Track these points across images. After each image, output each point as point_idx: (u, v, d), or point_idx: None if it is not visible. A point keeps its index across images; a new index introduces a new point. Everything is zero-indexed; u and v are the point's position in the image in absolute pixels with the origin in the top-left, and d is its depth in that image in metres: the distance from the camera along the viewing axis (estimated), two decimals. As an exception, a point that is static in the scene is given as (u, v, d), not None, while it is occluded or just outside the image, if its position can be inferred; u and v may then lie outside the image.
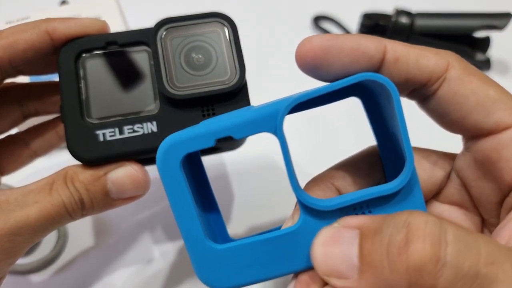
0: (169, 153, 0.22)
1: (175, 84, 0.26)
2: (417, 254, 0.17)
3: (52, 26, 0.26)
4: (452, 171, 0.25)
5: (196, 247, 0.22)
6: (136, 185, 0.26)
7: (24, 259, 0.37)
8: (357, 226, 0.20)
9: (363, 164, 0.26)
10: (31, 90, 0.32)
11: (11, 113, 0.32)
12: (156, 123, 0.26)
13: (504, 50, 0.51)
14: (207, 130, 0.22)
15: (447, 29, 0.48)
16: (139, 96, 0.27)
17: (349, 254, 0.19)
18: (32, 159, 0.33)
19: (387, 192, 0.21)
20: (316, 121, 0.46)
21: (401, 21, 0.49)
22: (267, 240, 0.22)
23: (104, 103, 0.26)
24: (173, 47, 0.27)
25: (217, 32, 0.27)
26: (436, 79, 0.22)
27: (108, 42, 0.27)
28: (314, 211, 0.22)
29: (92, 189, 0.25)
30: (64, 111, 0.26)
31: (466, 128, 0.22)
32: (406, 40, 0.50)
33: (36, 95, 0.32)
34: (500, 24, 0.46)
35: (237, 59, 0.26)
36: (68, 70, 0.26)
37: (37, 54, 0.27)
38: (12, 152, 0.32)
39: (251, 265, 0.22)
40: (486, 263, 0.17)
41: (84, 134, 0.26)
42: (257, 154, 0.43)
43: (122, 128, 0.26)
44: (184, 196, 0.22)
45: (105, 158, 0.26)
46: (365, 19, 0.51)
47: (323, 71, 0.22)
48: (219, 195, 0.40)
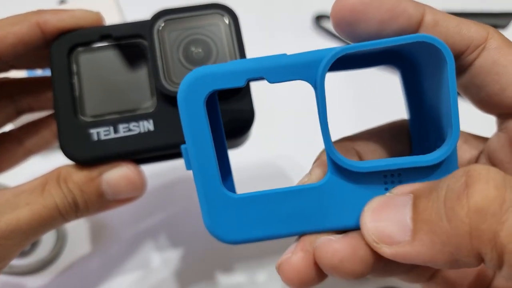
0: (194, 86, 0.19)
1: (172, 80, 0.25)
2: (479, 196, 0.15)
3: (43, 19, 0.25)
4: (482, 153, 0.23)
5: (209, 194, 0.20)
6: (132, 186, 0.25)
7: (22, 261, 0.36)
8: (410, 191, 0.18)
9: (388, 135, 0.25)
10: (25, 86, 0.31)
11: (3, 109, 0.31)
12: (153, 121, 0.25)
13: (506, 50, 0.51)
14: (239, 67, 0.20)
15: (449, 28, 0.48)
16: (135, 92, 0.25)
17: (401, 216, 0.18)
18: (27, 157, 0.32)
19: (427, 163, 0.20)
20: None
21: (402, 21, 0.49)
22: (286, 193, 0.20)
23: (99, 100, 0.25)
24: (171, 41, 0.25)
25: (218, 24, 0.25)
26: (475, 47, 0.21)
27: (102, 35, 0.25)
28: (343, 171, 0.20)
29: (87, 190, 0.24)
30: (57, 109, 0.25)
31: (505, 102, 0.21)
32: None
33: (29, 91, 0.31)
34: (501, 23, 0.46)
35: (238, 53, 0.25)
36: (60, 65, 0.25)
37: (28, 48, 0.25)
38: (5, 150, 0.31)
39: (265, 219, 0.20)
40: None
41: (77, 133, 0.25)
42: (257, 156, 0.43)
43: (117, 127, 0.25)
44: (204, 137, 0.20)
45: (100, 158, 0.25)
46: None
47: (360, 27, 0.20)
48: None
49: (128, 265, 0.37)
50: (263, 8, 0.55)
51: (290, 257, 0.20)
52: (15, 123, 0.32)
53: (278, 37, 0.53)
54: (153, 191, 0.41)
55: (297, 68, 0.20)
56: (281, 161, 0.43)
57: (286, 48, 0.53)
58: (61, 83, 0.25)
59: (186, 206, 0.40)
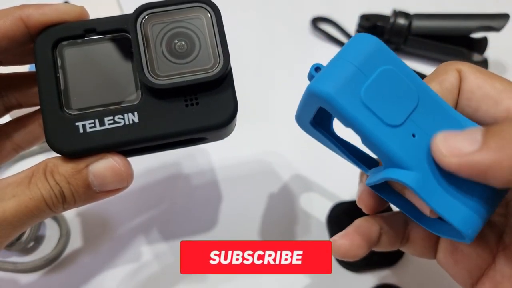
0: (316, 101, 0.23)
1: (156, 73, 0.25)
2: None
3: (26, 13, 0.25)
4: None
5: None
6: (118, 178, 0.25)
7: (26, 258, 0.37)
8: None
9: None
10: (12, 81, 0.31)
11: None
12: (137, 113, 0.25)
13: (501, 51, 0.51)
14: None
15: (445, 30, 0.49)
16: (119, 86, 0.26)
17: (473, 135, 0.20)
18: (16, 153, 0.32)
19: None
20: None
21: (399, 22, 0.49)
22: None
23: (84, 94, 0.25)
24: (153, 34, 0.26)
25: (200, 18, 0.26)
26: (450, 89, 0.24)
27: (86, 30, 0.26)
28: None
29: (73, 182, 0.25)
30: (42, 103, 0.25)
31: (480, 121, 0.24)
32: (404, 41, 0.50)
33: (17, 86, 0.31)
34: (497, 25, 0.46)
35: (220, 46, 0.26)
36: (45, 60, 0.25)
37: (12, 43, 0.25)
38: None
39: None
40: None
41: (63, 126, 0.25)
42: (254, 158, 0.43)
43: (102, 119, 0.25)
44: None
45: (86, 150, 0.25)
46: (363, 21, 0.52)
47: None
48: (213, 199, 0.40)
49: (133, 261, 0.38)
50: (261, 10, 0.55)
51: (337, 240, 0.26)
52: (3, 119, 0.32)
53: (276, 39, 0.53)
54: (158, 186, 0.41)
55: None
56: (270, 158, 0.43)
57: (285, 49, 0.53)
58: (46, 77, 0.25)
59: (189, 203, 0.41)
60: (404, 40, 0.50)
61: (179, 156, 0.43)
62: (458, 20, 0.49)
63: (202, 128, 0.26)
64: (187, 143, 0.27)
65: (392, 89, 0.22)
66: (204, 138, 0.27)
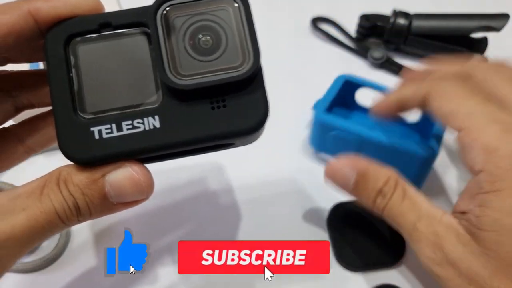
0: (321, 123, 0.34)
1: (179, 72, 0.23)
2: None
3: (35, 6, 0.23)
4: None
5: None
6: (137, 188, 0.23)
7: (26, 258, 0.37)
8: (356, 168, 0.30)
9: None
10: (24, 80, 0.29)
11: (1, 106, 0.29)
12: (158, 117, 0.23)
13: (501, 51, 0.51)
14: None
15: (445, 30, 0.49)
16: (138, 86, 0.23)
17: (348, 181, 0.30)
18: (28, 155, 0.30)
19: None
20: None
21: (399, 22, 0.49)
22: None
23: (99, 95, 0.23)
24: (175, 28, 0.23)
25: (227, 9, 0.24)
26: (418, 103, 0.32)
27: (101, 24, 0.23)
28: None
29: (89, 193, 0.23)
30: (54, 105, 0.23)
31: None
32: (404, 41, 0.50)
33: (29, 85, 0.29)
34: (497, 25, 0.46)
35: (250, 41, 0.23)
36: (56, 58, 0.23)
37: (20, 40, 0.23)
38: (5, 147, 0.29)
39: None
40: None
41: (77, 132, 0.23)
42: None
43: (120, 124, 0.23)
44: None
45: (102, 158, 0.23)
46: (363, 21, 0.52)
47: None
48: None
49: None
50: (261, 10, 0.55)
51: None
52: (15, 119, 0.30)
53: (276, 39, 0.53)
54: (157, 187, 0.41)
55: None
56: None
57: (285, 49, 0.53)
58: (58, 78, 0.23)
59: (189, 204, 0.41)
60: (404, 40, 0.50)
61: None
62: (458, 20, 0.49)
63: (231, 133, 0.24)
64: (212, 148, 0.25)
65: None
66: (231, 144, 0.25)
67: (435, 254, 0.27)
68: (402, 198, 0.29)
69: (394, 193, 0.29)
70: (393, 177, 0.29)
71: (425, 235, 0.27)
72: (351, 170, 0.30)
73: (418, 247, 0.28)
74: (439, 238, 0.27)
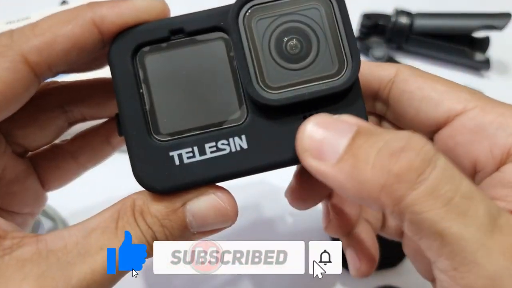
0: None
1: (267, 84, 0.20)
2: (406, 162, 0.17)
3: (100, 15, 0.20)
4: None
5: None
6: (222, 218, 0.21)
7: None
8: (355, 124, 0.19)
9: None
10: (76, 93, 0.26)
11: (54, 121, 0.26)
12: (245, 137, 0.20)
13: (503, 50, 0.51)
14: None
15: (447, 29, 0.48)
16: (218, 101, 0.20)
17: (337, 141, 0.18)
18: (80, 173, 0.28)
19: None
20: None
21: (400, 21, 0.49)
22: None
23: (175, 114, 0.20)
24: (259, 32, 0.20)
25: (317, 7, 0.20)
26: (386, 83, 0.24)
27: (172, 31, 0.20)
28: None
29: (168, 225, 0.20)
30: (125, 128, 0.20)
31: (423, 122, 0.23)
32: (406, 40, 0.50)
33: (81, 98, 0.26)
34: (499, 24, 0.46)
35: (347, 45, 0.20)
36: (124, 72, 0.20)
37: (82, 53, 0.20)
38: (58, 166, 0.27)
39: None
40: (463, 196, 0.17)
41: (154, 157, 0.20)
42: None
43: (202, 147, 0.20)
44: None
45: (184, 186, 0.20)
46: (365, 19, 0.51)
47: None
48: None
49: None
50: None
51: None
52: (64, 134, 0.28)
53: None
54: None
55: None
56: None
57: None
58: (127, 95, 0.20)
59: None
60: (405, 39, 0.50)
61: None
62: (460, 19, 0.48)
63: None
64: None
65: None
66: None
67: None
68: (455, 169, 0.18)
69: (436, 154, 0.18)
70: (428, 145, 0.18)
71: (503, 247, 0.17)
72: (347, 125, 0.19)
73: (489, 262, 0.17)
74: None
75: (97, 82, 0.27)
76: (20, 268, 0.18)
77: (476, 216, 0.17)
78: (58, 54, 0.20)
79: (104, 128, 0.28)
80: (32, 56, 0.19)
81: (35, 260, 0.19)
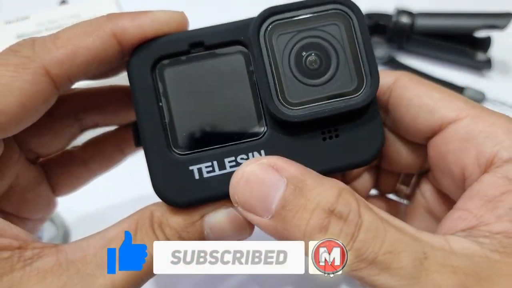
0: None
1: (287, 100, 0.20)
2: (335, 232, 0.19)
3: (121, 27, 0.20)
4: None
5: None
6: (239, 231, 0.21)
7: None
8: (286, 176, 0.19)
9: None
10: (90, 100, 0.27)
11: (68, 129, 0.26)
12: (264, 152, 0.20)
13: (505, 50, 0.51)
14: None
15: (448, 29, 0.48)
16: (237, 115, 0.21)
17: (269, 199, 0.19)
18: (90, 179, 0.29)
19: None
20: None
21: (401, 21, 0.49)
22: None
23: (194, 127, 0.20)
24: (279, 48, 0.20)
25: (337, 24, 0.20)
26: (384, 90, 0.25)
27: (192, 44, 0.20)
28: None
29: (186, 237, 0.21)
30: (145, 141, 0.20)
31: (418, 129, 0.24)
32: (407, 40, 0.50)
33: (95, 106, 0.27)
34: (501, 23, 0.46)
35: (366, 62, 0.20)
36: (143, 84, 0.20)
37: (102, 65, 0.20)
38: (69, 172, 0.28)
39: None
40: (385, 252, 0.18)
41: (173, 171, 0.20)
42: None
43: (222, 161, 0.20)
44: None
45: (204, 200, 0.20)
46: (366, 19, 0.51)
47: None
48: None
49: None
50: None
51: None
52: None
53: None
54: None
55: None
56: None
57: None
58: (147, 108, 0.20)
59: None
60: (407, 39, 0.50)
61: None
62: (462, 18, 0.48)
63: (345, 166, 0.21)
64: None
65: None
66: None
67: None
68: (379, 224, 0.19)
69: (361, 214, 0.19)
70: (346, 190, 0.20)
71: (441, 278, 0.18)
72: (278, 178, 0.19)
73: None
74: (465, 276, 0.18)
75: (111, 90, 0.27)
76: (41, 280, 0.18)
77: (400, 267, 0.18)
78: (78, 66, 0.20)
79: (117, 136, 0.29)
80: (54, 69, 0.19)
81: (55, 271, 0.19)
